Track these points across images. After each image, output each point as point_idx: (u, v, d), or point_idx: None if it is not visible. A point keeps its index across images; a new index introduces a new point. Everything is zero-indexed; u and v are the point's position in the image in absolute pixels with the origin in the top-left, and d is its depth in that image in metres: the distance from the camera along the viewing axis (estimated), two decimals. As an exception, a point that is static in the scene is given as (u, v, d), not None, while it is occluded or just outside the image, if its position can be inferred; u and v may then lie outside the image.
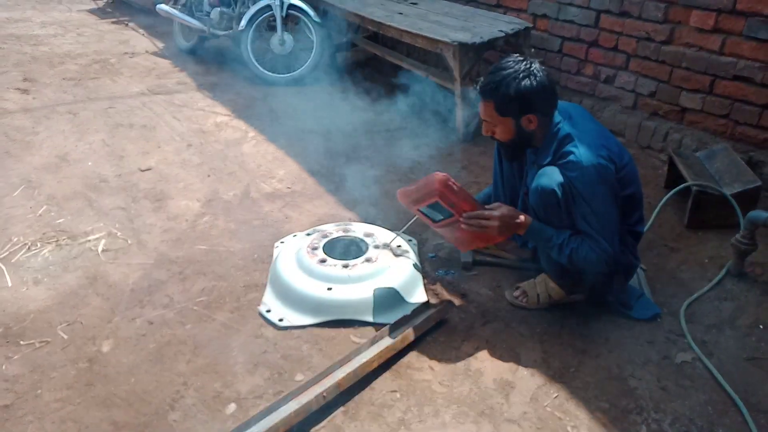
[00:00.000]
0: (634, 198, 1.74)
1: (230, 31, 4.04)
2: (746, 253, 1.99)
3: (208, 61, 4.39)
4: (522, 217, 1.68)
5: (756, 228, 1.93)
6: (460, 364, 1.69)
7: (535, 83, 1.60)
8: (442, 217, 1.73)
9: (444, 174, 1.63)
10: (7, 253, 2.13)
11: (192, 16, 4.25)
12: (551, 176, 1.61)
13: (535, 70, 1.61)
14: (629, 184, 1.70)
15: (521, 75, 1.60)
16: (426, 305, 1.84)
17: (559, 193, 1.59)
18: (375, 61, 4.24)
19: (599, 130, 1.73)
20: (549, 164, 1.65)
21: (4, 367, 1.64)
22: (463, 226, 1.68)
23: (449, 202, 1.65)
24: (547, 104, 1.65)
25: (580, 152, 1.59)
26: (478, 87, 1.68)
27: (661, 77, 2.82)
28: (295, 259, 1.97)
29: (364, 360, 1.59)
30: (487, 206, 1.71)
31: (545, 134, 1.69)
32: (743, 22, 2.46)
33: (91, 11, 5.89)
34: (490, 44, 2.98)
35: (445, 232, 1.84)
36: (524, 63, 1.62)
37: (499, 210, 1.67)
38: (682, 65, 2.71)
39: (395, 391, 1.59)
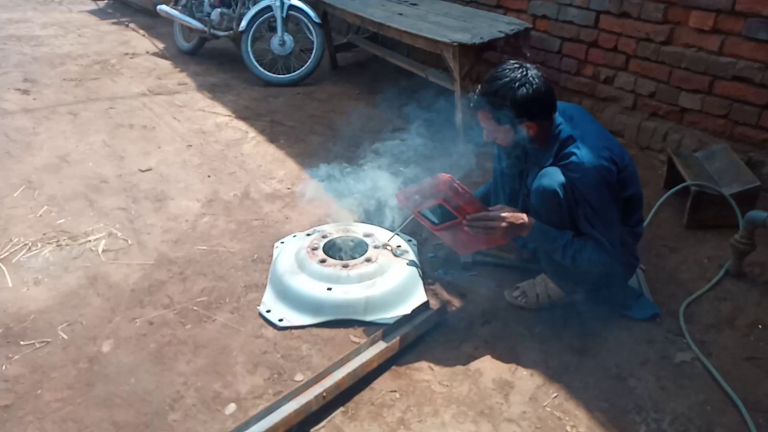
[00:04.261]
0: (635, 199, 1.75)
1: (230, 31, 4.05)
2: (745, 253, 1.99)
3: (209, 61, 4.39)
4: (525, 219, 1.66)
5: (755, 228, 1.93)
6: (460, 364, 1.69)
7: (531, 91, 1.59)
8: (442, 220, 1.72)
9: (449, 176, 1.60)
10: (8, 253, 2.13)
11: (192, 16, 4.25)
12: (553, 177, 1.61)
13: (531, 77, 1.60)
14: (630, 185, 1.70)
15: (517, 84, 1.59)
16: (426, 305, 1.84)
17: (560, 193, 1.59)
18: (375, 61, 4.24)
19: (600, 130, 1.73)
20: (551, 165, 1.65)
21: (4, 367, 1.64)
22: (466, 228, 1.65)
23: (453, 205, 1.62)
24: (545, 110, 1.64)
25: (582, 153, 1.59)
26: (474, 96, 1.67)
27: (661, 78, 2.82)
28: (295, 259, 1.98)
29: (364, 360, 1.59)
30: (489, 208, 1.69)
31: (546, 137, 1.69)
32: (742, 23, 2.46)
33: (92, 12, 5.90)
34: (490, 45, 2.98)
35: (444, 235, 1.82)
36: (520, 70, 1.61)
37: (504, 212, 1.64)
38: (682, 66, 2.71)
39: (395, 391, 1.60)
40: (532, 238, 1.69)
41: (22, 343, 1.73)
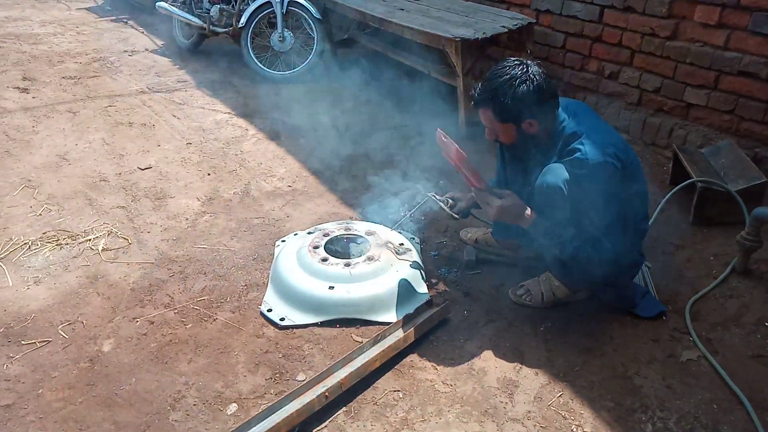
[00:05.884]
0: (639, 195, 1.73)
1: (230, 28, 4.02)
2: (751, 250, 1.97)
3: (208, 58, 4.37)
4: (528, 212, 1.68)
5: (761, 225, 1.91)
6: (464, 364, 1.67)
7: (532, 88, 1.57)
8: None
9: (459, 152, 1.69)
10: (8, 252, 2.12)
11: (192, 13, 4.23)
12: (557, 173, 1.59)
13: (532, 74, 1.58)
14: (634, 181, 1.68)
15: (518, 81, 1.57)
16: (429, 304, 1.83)
17: (564, 190, 1.57)
18: (376, 58, 4.21)
19: (604, 127, 1.71)
20: (555, 162, 1.63)
21: (5, 366, 1.63)
22: (472, 193, 1.79)
23: (462, 172, 1.75)
24: (547, 107, 1.63)
25: (587, 150, 1.57)
26: (475, 95, 1.66)
27: (666, 73, 2.79)
28: (297, 257, 1.96)
29: (367, 359, 1.58)
30: (500, 191, 1.73)
31: (550, 134, 1.67)
32: (748, 17, 2.43)
33: (91, 9, 5.87)
34: (493, 40, 2.96)
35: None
36: (521, 67, 1.59)
37: (504, 201, 1.68)
38: (687, 61, 2.68)
39: (398, 390, 1.58)
40: (533, 232, 1.71)
41: (23, 342, 1.72)
